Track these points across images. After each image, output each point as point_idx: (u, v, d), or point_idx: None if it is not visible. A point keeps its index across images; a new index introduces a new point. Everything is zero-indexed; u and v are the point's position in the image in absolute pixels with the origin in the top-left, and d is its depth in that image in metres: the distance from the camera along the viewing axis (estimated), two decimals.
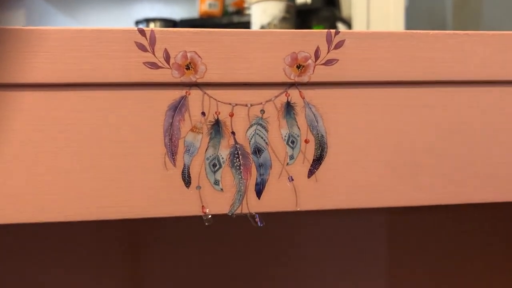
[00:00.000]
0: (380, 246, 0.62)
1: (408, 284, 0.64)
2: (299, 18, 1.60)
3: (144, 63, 0.33)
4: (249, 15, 1.65)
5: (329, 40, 0.34)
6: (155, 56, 0.33)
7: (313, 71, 0.34)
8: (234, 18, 1.86)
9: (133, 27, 0.31)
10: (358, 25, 1.59)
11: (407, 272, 0.63)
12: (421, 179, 0.36)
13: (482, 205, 0.39)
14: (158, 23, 1.93)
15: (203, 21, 1.90)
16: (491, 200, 0.37)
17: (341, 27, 1.62)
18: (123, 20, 2.14)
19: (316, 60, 0.34)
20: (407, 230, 0.62)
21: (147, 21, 1.93)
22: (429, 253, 0.63)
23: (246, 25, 1.68)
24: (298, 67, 0.34)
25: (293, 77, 0.34)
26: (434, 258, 0.63)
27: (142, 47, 0.33)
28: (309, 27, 1.63)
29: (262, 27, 1.51)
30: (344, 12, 1.74)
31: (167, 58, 0.33)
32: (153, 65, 0.33)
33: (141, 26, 1.97)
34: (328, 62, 0.34)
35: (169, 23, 1.92)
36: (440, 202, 0.36)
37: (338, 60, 0.34)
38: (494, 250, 0.63)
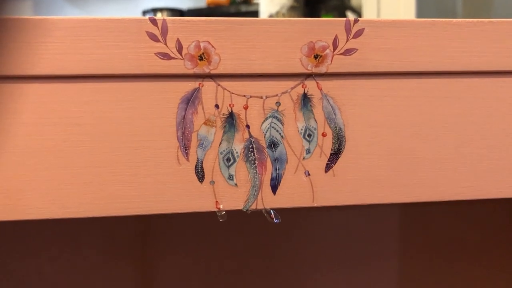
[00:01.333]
0: (392, 241, 0.61)
1: (419, 281, 0.63)
2: (307, 7, 1.58)
3: (155, 53, 0.32)
4: (256, 4, 1.64)
5: (348, 29, 0.33)
6: (167, 46, 0.32)
7: (331, 61, 0.33)
8: (242, 8, 1.84)
9: (144, 16, 0.30)
10: (368, 14, 1.56)
11: (419, 268, 0.62)
12: (445, 173, 0.35)
13: (499, 201, 0.37)
14: (165, 13, 1.91)
15: (211, 11, 1.88)
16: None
17: (350, 16, 1.60)
18: (130, 10, 2.12)
19: (334, 50, 0.33)
20: (420, 224, 0.61)
21: (154, 10, 1.91)
22: (442, 250, 0.61)
23: (254, 14, 1.66)
24: (316, 57, 0.33)
25: (310, 68, 0.33)
26: (447, 255, 0.62)
27: (153, 37, 0.31)
28: (317, 16, 1.60)
29: (271, 16, 1.49)
30: (354, 1, 1.71)
31: (179, 48, 0.32)
32: (165, 56, 0.32)
33: (148, 16, 1.96)
34: (347, 52, 0.33)
35: (176, 12, 1.90)
36: (464, 197, 0.35)
37: (357, 49, 0.33)
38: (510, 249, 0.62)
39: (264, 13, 1.48)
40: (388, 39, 0.33)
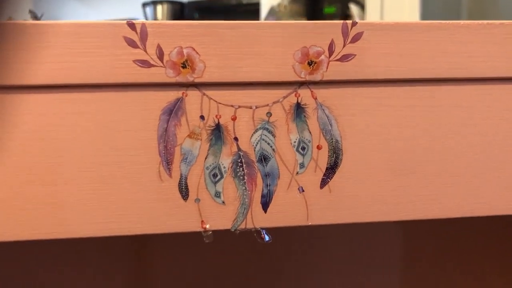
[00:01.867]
0: (394, 255, 0.59)
1: None
2: None
3: (134, 61, 0.29)
4: None
5: (345, 33, 0.30)
6: (146, 53, 0.29)
7: (327, 68, 0.30)
8: (243, 0, 1.81)
9: (121, 20, 0.27)
10: (372, 5, 1.52)
11: (422, 281, 0.59)
12: (454, 188, 0.32)
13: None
14: (165, 5, 1.88)
15: (211, 3, 1.85)
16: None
17: (354, 8, 1.56)
18: (130, 3, 2.09)
19: (330, 56, 0.30)
20: (422, 239, 0.59)
21: (154, 3, 1.88)
22: (444, 263, 0.59)
23: (256, 6, 1.62)
24: (310, 63, 0.30)
25: (304, 75, 0.30)
26: (449, 268, 0.59)
27: (132, 43, 0.29)
28: (320, 9, 1.57)
29: (272, 9, 1.45)
30: None
31: (160, 55, 0.29)
32: (145, 63, 0.29)
33: (148, 8, 1.92)
34: (344, 58, 0.30)
35: (176, 5, 1.87)
36: (477, 214, 0.32)
37: (355, 55, 0.30)
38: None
39: (265, 5, 1.45)
40: (389, 43, 0.30)
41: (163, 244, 0.59)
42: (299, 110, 0.31)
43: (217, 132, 0.30)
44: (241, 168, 0.31)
